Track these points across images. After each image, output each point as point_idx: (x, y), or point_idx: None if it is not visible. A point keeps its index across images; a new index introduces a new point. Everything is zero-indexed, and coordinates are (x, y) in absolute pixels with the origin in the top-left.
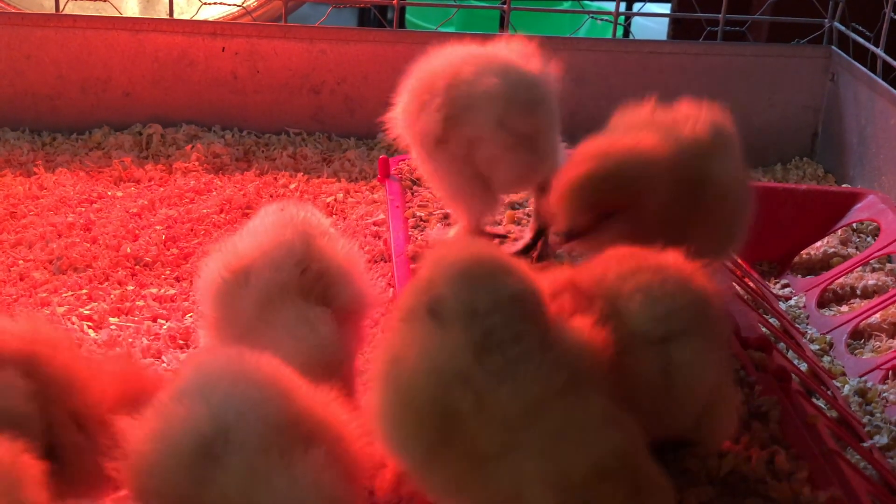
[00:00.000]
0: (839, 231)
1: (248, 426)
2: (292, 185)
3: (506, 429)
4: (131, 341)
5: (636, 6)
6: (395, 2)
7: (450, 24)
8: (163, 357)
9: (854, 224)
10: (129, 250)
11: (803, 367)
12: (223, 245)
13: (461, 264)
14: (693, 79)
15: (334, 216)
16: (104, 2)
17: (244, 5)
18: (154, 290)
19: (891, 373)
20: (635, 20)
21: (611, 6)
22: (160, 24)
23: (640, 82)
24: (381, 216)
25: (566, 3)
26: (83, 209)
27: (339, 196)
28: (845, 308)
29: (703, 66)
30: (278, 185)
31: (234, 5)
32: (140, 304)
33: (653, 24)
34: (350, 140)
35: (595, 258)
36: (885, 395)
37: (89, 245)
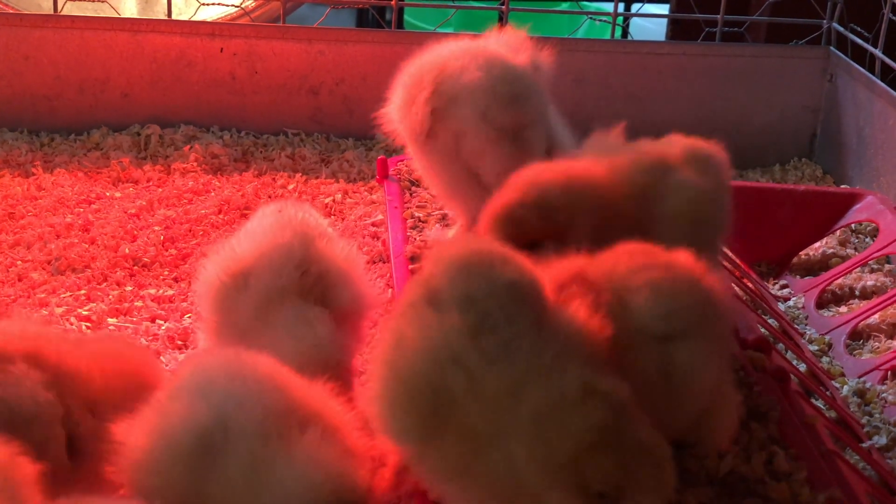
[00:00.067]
0: (838, 232)
1: (247, 416)
2: (291, 186)
3: (497, 410)
4: None
5: (635, 7)
6: (393, 2)
7: (448, 25)
8: (161, 357)
9: (853, 225)
10: (127, 251)
11: (802, 367)
12: (221, 248)
13: (459, 256)
14: (692, 80)
15: (333, 217)
16: (102, 2)
17: (242, 6)
18: (152, 291)
19: (889, 373)
20: (634, 21)
21: (609, 7)
22: (158, 24)
23: (639, 83)
24: (380, 217)
25: (565, 4)
26: (81, 210)
27: (338, 197)
28: (844, 309)
29: (702, 66)
30: (277, 186)
31: (233, 6)
32: (138, 304)
33: (651, 24)
34: (348, 141)
35: (608, 252)
36: (884, 395)
37: (88, 246)
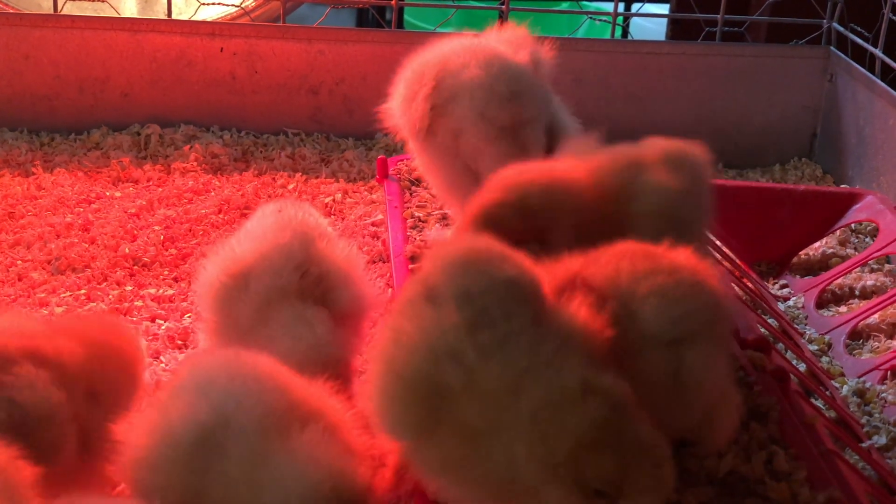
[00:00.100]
0: (838, 231)
1: (247, 414)
2: (290, 186)
3: (494, 406)
4: None
5: (635, 7)
6: (393, 2)
7: (448, 25)
8: (161, 357)
9: (853, 224)
10: (127, 251)
11: (802, 367)
12: (221, 248)
13: (458, 253)
14: (692, 79)
15: (332, 217)
16: (102, 2)
17: (242, 6)
18: (152, 291)
19: (889, 373)
20: (634, 20)
21: (609, 6)
22: (158, 24)
23: (639, 83)
24: (380, 217)
25: (565, 4)
26: (81, 209)
27: (338, 196)
28: (844, 308)
29: (702, 66)
30: (276, 186)
31: (233, 6)
32: (138, 304)
33: (651, 24)
34: (348, 140)
35: (602, 253)
36: (884, 395)
37: (87, 245)
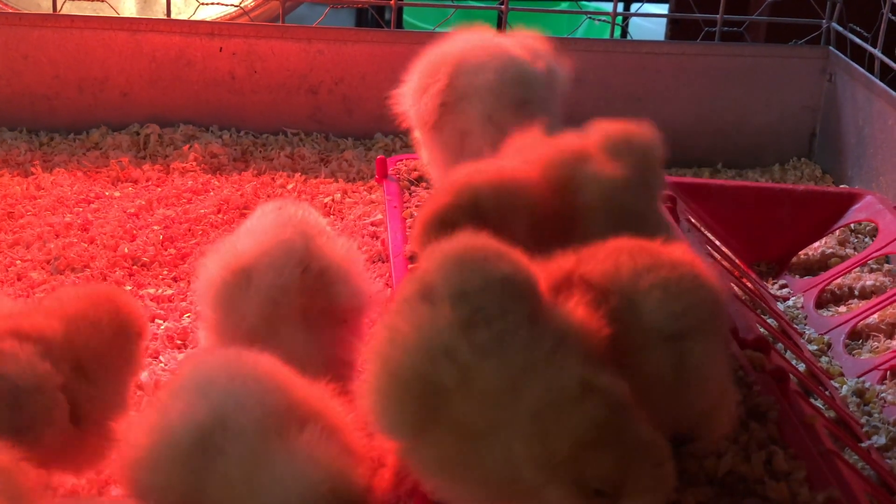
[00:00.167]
0: (837, 231)
1: (246, 415)
2: (290, 186)
3: (492, 405)
4: None
5: (634, 6)
6: (392, 2)
7: (447, 25)
8: (160, 357)
9: (852, 224)
10: (126, 250)
11: (801, 367)
12: (222, 245)
13: (453, 251)
14: (691, 79)
15: (332, 216)
16: (101, 2)
17: (242, 5)
18: (151, 291)
19: (889, 373)
20: (633, 20)
21: (608, 6)
22: (158, 24)
23: (638, 83)
24: (379, 216)
25: (564, 4)
26: (81, 209)
27: (337, 196)
28: (843, 308)
29: (701, 66)
30: (276, 186)
31: (232, 5)
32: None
33: (650, 24)
34: (348, 140)
35: (597, 249)
36: (883, 395)
37: (87, 245)
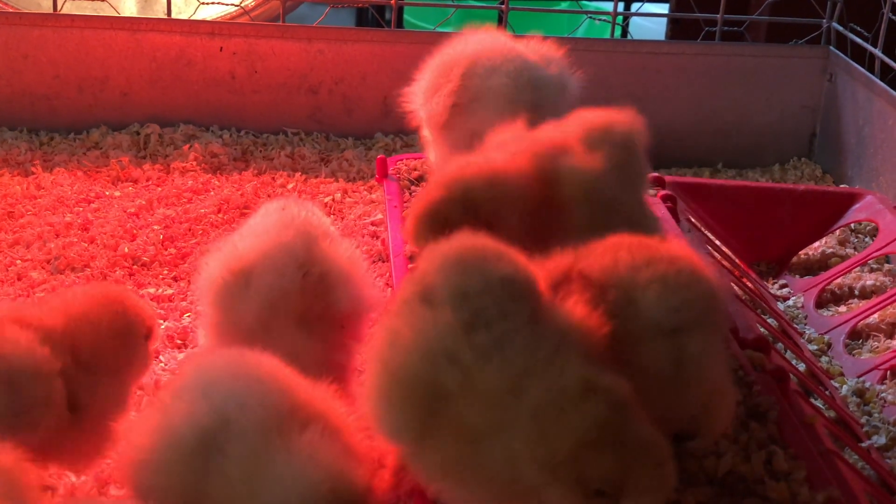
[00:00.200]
0: (837, 231)
1: (248, 416)
2: (290, 185)
3: (494, 407)
4: None
5: (634, 6)
6: (392, 2)
7: (448, 24)
8: (160, 357)
9: (852, 224)
10: (126, 250)
11: (801, 367)
12: (223, 245)
13: (453, 252)
14: (691, 79)
15: (332, 216)
16: (102, 1)
17: (242, 5)
18: (152, 290)
19: (889, 373)
20: (633, 20)
21: (609, 6)
22: (158, 23)
23: (639, 82)
24: (379, 216)
25: (564, 3)
26: (81, 209)
27: (337, 196)
28: (843, 308)
29: (702, 66)
30: (276, 185)
31: (232, 5)
32: None
33: (651, 24)
34: (348, 140)
35: (595, 245)
36: (883, 395)
37: (87, 245)
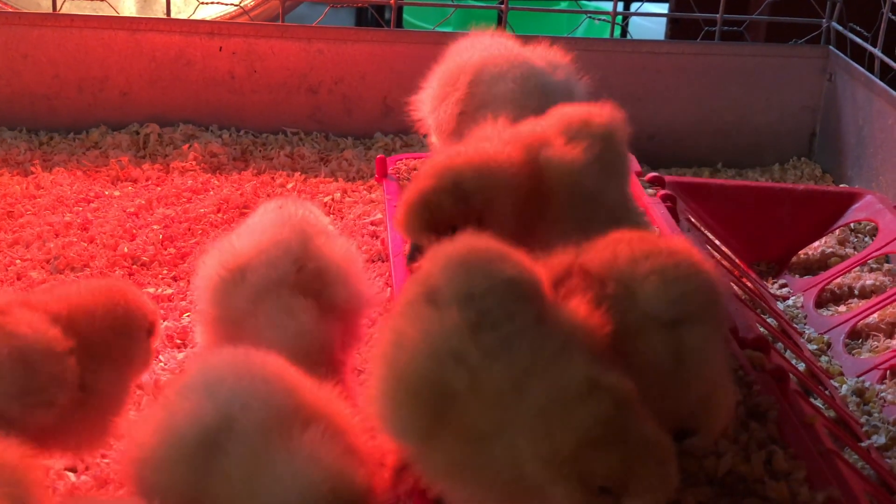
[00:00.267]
0: (837, 231)
1: (251, 415)
2: (289, 185)
3: (499, 406)
4: None
5: (634, 6)
6: (392, 1)
7: (447, 24)
8: (160, 356)
9: (852, 224)
10: (126, 250)
11: (801, 366)
12: (221, 243)
13: (458, 253)
14: (691, 79)
15: (332, 216)
16: (101, 1)
17: (241, 5)
18: (151, 290)
19: (888, 373)
20: (633, 20)
21: (608, 6)
22: (157, 23)
23: (638, 82)
24: (379, 216)
25: (564, 3)
26: (80, 209)
27: (337, 196)
28: (843, 308)
29: (701, 66)
30: (275, 185)
31: (232, 5)
32: None
33: (650, 23)
34: (347, 140)
35: (598, 242)
36: (883, 394)
37: (86, 244)
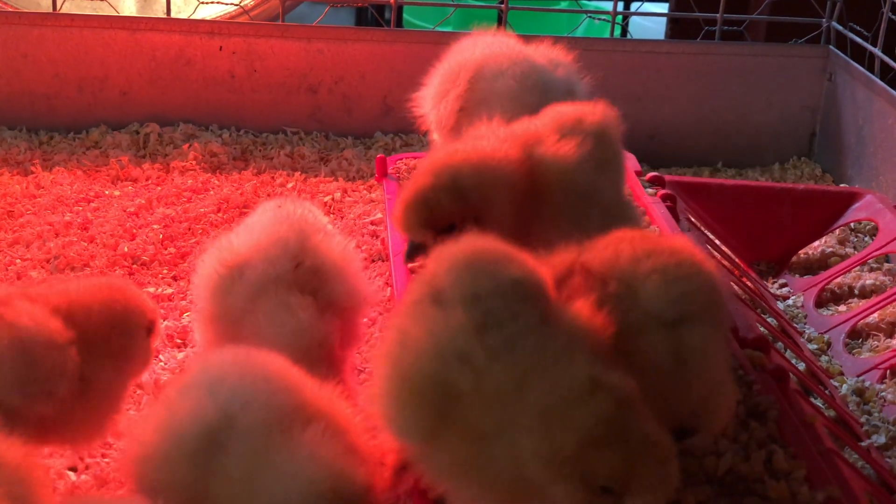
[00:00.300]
0: (837, 231)
1: (252, 415)
2: (290, 185)
3: (502, 405)
4: None
5: (634, 6)
6: (392, 1)
7: (447, 24)
8: (160, 356)
9: (852, 224)
10: (126, 249)
11: (801, 366)
12: (220, 241)
13: (463, 254)
14: (691, 79)
15: (332, 215)
16: (101, 1)
17: (241, 4)
18: (151, 290)
19: (888, 372)
20: (633, 20)
21: (608, 6)
22: (157, 23)
23: (638, 82)
24: (379, 215)
25: (564, 3)
26: (80, 208)
27: (337, 195)
28: (843, 308)
29: (701, 65)
30: (276, 185)
31: (232, 4)
32: None
33: (650, 23)
34: (347, 139)
35: (600, 240)
36: (883, 394)
37: (87, 244)
